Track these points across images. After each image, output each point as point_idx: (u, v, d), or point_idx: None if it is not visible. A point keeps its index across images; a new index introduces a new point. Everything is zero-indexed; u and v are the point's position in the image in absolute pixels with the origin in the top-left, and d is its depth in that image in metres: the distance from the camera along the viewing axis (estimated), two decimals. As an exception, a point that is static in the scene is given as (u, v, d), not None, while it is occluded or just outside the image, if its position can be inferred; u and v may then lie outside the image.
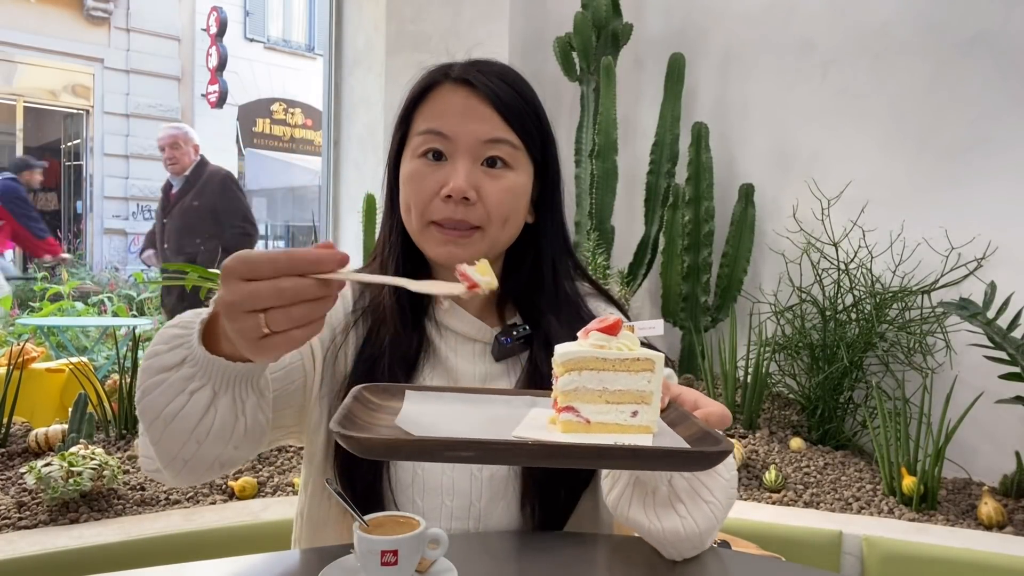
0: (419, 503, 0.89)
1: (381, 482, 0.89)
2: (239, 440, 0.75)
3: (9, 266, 7.75)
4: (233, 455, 0.77)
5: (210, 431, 0.72)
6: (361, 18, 3.28)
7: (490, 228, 0.89)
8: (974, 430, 2.19)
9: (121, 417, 2.16)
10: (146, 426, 0.74)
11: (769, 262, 2.84)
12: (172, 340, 0.72)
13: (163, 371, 0.71)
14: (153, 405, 0.71)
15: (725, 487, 0.80)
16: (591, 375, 0.63)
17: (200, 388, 0.70)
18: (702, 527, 0.78)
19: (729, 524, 1.82)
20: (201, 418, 0.71)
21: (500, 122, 0.89)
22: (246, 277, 0.59)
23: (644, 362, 0.62)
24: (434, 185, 0.88)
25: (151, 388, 0.71)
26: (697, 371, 2.75)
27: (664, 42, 3.14)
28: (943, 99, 2.49)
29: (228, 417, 0.72)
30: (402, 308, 0.93)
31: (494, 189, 0.89)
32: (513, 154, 0.91)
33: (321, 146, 3.67)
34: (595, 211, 2.96)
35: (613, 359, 0.62)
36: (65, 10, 11.12)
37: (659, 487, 0.77)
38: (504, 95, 0.90)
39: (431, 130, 0.90)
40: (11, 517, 1.64)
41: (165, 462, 0.76)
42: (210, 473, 0.78)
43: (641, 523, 0.79)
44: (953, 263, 2.40)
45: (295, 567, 0.88)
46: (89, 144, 11.54)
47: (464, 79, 0.91)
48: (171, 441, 0.73)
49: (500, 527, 0.92)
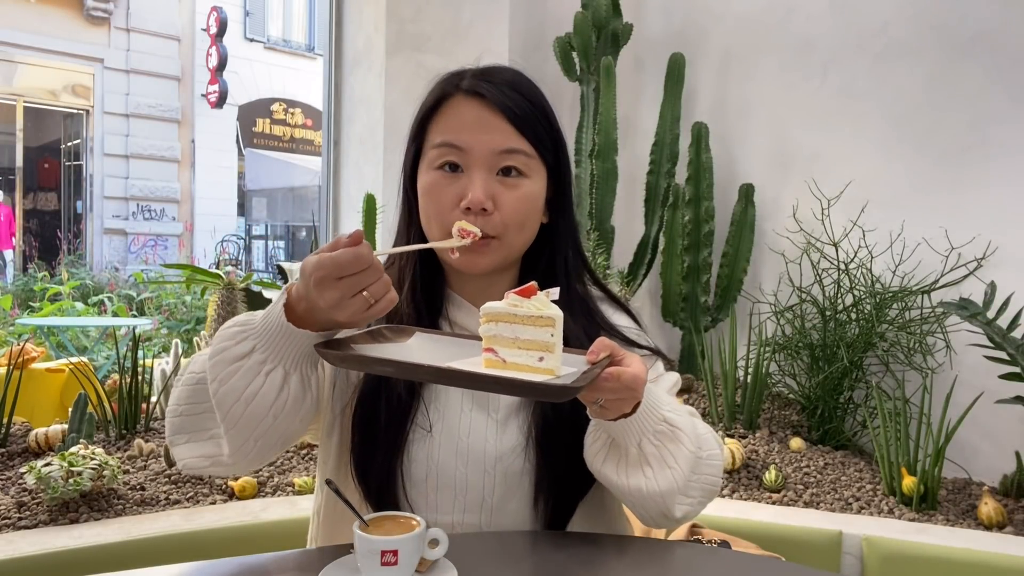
0: (432, 497, 0.91)
1: (395, 477, 0.91)
2: (306, 413, 0.85)
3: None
4: (297, 429, 0.87)
5: (286, 405, 0.81)
6: (361, 18, 3.28)
7: (507, 235, 0.93)
8: (974, 430, 2.19)
9: (121, 417, 2.16)
10: (224, 413, 0.82)
11: (769, 262, 2.84)
12: (236, 336, 0.82)
13: (236, 360, 0.81)
14: (234, 389, 0.80)
15: (689, 458, 0.87)
16: (506, 326, 0.77)
17: (273, 369, 0.80)
18: (663, 488, 0.85)
19: (729, 524, 1.82)
20: (278, 394, 0.81)
21: (513, 132, 0.93)
22: (337, 276, 0.73)
23: (547, 319, 0.76)
24: (452, 197, 0.91)
25: (228, 376, 0.80)
26: (697, 371, 2.76)
27: (664, 42, 3.14)
28: (943, 99, 2.50)
29: (299, 392, 0.82)
30: (419, 311, 0.97)
31: (510, 198, 0.92)
32: (527, 162, 0.94)
33: (321, 146, 3.67)
34: (595, 211, 2.96)
35: (523, 315, 0.77)
36: (65, 10, 11.12)
37: (630, 449, 0.84)
38: (515, 105, 0.93)
39: (446, 143, 0.92)
40: (11, 517, 1.64)
41: (237, 445, 0.84)
42: (274, 451, 0.87)
43: (610, 478, 0.86)
44: (953, 263, 2.40)
45: (295, 567, 0.88)
46: (89, 144, 11.54)
47: (475, 91, 0.93)
48: (250, 420, 0.82)
49: (512, 522, 0.93)
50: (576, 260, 1.02)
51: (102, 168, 11.46)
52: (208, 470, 0.89)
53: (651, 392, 0.85)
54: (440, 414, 0.93)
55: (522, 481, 0.92)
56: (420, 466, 0.91)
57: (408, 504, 0.92)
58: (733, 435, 2.33)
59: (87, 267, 9.54)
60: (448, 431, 0.92)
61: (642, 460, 0.85)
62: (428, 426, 0.92)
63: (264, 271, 13.00)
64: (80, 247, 10.95)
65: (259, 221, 14.35)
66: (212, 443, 0.87)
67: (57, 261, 8.92)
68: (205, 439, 0.88)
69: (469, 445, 0.92)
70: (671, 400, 0.91)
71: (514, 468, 0.92)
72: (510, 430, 0.93)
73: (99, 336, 5.25)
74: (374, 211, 2.63)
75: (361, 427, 0.93)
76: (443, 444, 0.92)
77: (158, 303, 6.57)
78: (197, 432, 0.88)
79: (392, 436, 0.91)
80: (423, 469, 0.91)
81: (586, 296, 1.03)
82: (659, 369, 1.03)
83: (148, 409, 2.23)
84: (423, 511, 0.92)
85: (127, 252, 11.46)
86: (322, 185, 3.57)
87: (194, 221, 12.21)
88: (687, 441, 0.87)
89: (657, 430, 0.85)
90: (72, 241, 10.39)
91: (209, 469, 0.88)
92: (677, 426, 0.86)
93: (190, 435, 0.88)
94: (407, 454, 0.92)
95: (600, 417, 0.83)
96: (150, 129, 11.83)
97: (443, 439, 0.92)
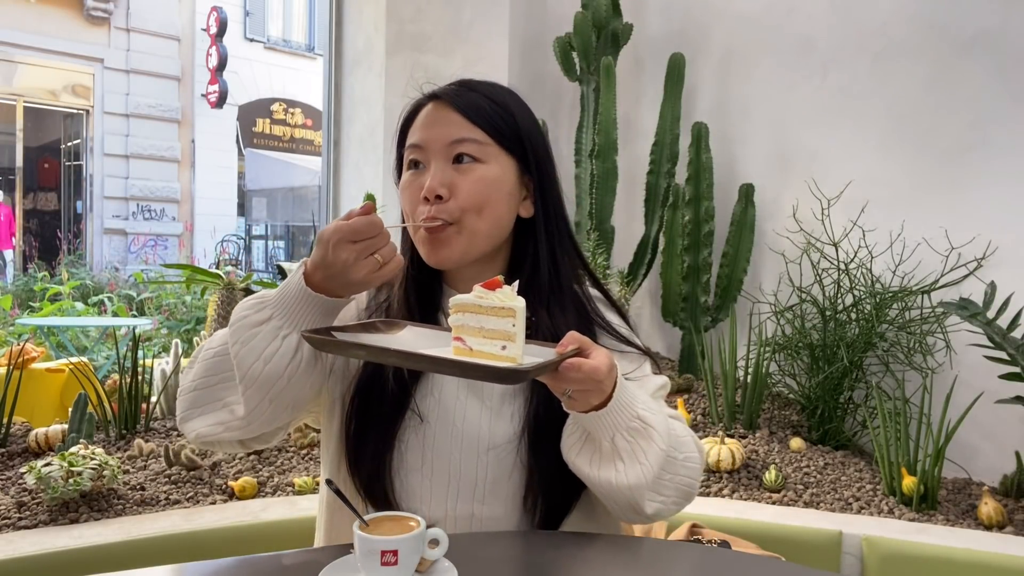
0: (426, 483, 0.94)
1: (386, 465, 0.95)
2: (315, 379, 0.92)
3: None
4: (307, 395, 0.93)
5: (299, 367, 0.88)
6: (361, 18, 3.28)
7: (466, 220, 0.95)
8: (974, 430, 2.19)
9: (121, 417, 2.16)
10: (244, 371, 0.88)
11: (769, 262, 2.84)
12: (255, 306, 0.90)
13: (255, 326, 0.88)
14: (253, 349, 0.87)
15: (660, 455, 0.89)
16: (472, 316, 0.82)
17: (289, 334, 0.87)
18: (631, 482, 0.87)
19: (729, 524, 1.82)
20: (292, 356, 0.87)
21: (464, 122, 0.97)
22: (352, 239, 0.83)
23: (508, 310, 0.80)
24: (417, 191, 0.97)
25: (250, 339, 0.87)
26: (697, 371, 2.76)
27: (664, 42, 3.14)
28: (943, 99, 2.50)
29: (311, 357, 0.89)
30: (409, 305, 1.02)
31: (465, 182, 0.96)
32: (481, 149, 0.97)
33: (321, 146, 3.67)
34: (595, 211, 2.96)
35: (487, 306, 0.81)
36: (65, 10, 11.11)
37: (603, 443, 0.87)
38: (466, 100, 0.98)
39: (411, 144, 1.00)
40: (11, 517, 1.64)
41: (252, 405, 0.90)
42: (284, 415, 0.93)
43: (583, 469, 0.90)
44: (953, 263, 2.40)
45: (295, 567, 0.88)
46: (89, 144, 11.54)
47: (434, 95, 1.00)
48: (267, 379, 0.88)
49: (504, 512, 0.95)
50: (567, 258, 1.04)
51: (102, 168, 11.46)
52: (222, 435, 0.93)
53: (627, 390, 0.88)
54: (436, 403, 0.96)
55: (513, 473, 0.95)
56: (415, 453, 0.95)
57: (399, 493, 0.95)
58: (733, 435, 2.33)
59: (87, 267, 9.54)
60: (443, 418, 0.96)
61: (614, 454, 0.87)
62: (422, 415, 0.96)
63: (264, 271, 13.00)
64: (80, 247, 10.95)
65: (259, 221, 14.35)
66: (225, 410, 0.93)
67: (57, 261, 8.92)
68: (219, 408, 0.93)
69: (464, 431, 0.95)
70: (649, 400, 0.93)
71: (506, 458, 0.95)
72: (503, 418, 0.96)
73: (99, 336, 5.25)
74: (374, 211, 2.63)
75: (357, 417, 0.96)
76: (438, 431, 0.95)
77: (158, 303, 6.57)
78: (211, 403, 0.94)
79: (386, 425, 0.95)
80: (418, 455, 0.95)
81: (583, 295, 1.05)
82: (646, 370, 1.04)
83: (148, 409, 2.23)
84: (415, 499, 0.94)
85: (127, 252, 11.46)
86: (322, 185, 3.57)
87: (194, 221, 12.21)
88: (659, 439, 0.89)
89: (630, 427, 0.87)
90: (72, 241, 10.39)
91: (223, 435, 0.93)
92: (650, 424, 0.89)
93: (203, 407, 0.94)
94: (402, 442, 0.95)
95: (571, 408, 0.86)
96: (150, 129, 11.83)
97: (438, 427, 0.95)
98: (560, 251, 1.02)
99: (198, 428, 0.94)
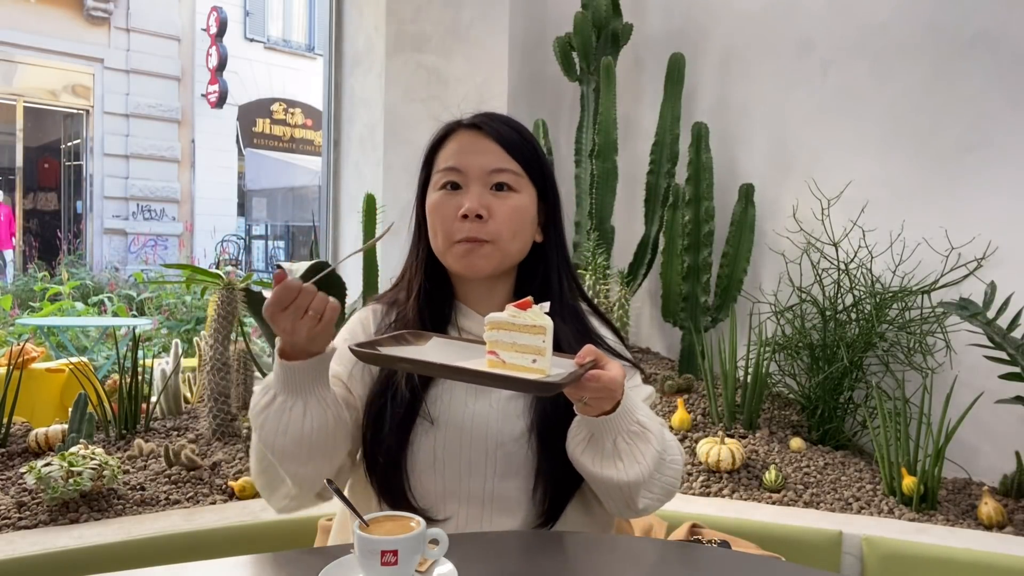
0: (439, 482, 1.02)
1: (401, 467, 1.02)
2: (335, 427, 0.98)
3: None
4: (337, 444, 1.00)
5: (314, 428, 0.95)
6: (361, 18, 3.28)
7: (500, 241, 1.07)
8: (974, 430, 2.19)
9: (121, 417, 2.16)
10: (272, 450, 0.97)
11: (769, 262, 2.84)
12: (261, 392, 0.98)
13: (265, 408, 0.96)
14: (271, 430, 0.95)
15: (655, 456, 0.99)
16: (505, 333, 0.90)
17: (292, 405, 0.95)
18: (631, 479, 0.97)
19: (729, 524, 1.82)
20: (303, 421, 0.94)
21: (503, 154, 1.08)
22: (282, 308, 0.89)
23: (540, 328, 0.89)
24: (453, 209, 1.06)
25: (264, 421, 0.96)
26: (697, 371, 2.75)
27: (664, 42, 3.14)
28: (943, 99, 2.49)
29: (320, 413, 0.95)
30: (423, 320, 1.10)
31: (502, 208, 1.07)
32: (516, 180, 1.09)
33: (321, 146, 3.67)
34: (595, 211, 2.96)
35: (519, 324, 0.90)
36: (65, 10, 11.12)
37: (606, 444, 0.96)
38: (505, 133, 1.09)
39: (448, 167, 1.09)
40: (11, 517, 1.64)
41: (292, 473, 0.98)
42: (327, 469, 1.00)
43: (586, 466, 0.97)
44: (953, 263, 2.40)
45: (295, 567, 0.88)
46: (89, 144, 11.54)
47: (474, 124, 1.10)
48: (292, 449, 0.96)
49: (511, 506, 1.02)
50: (568, 278, 1.16)
51: (102, 168, 11.46)
52: (292, 507, 1.04)
53: (629, 398, 0.97)
54: (445, 407, 1.04)
55: (522, 466, 1.03)
56: (427, 454, 1.02)
57: (415, 492, 1.02)
58: (733, 435, 2.33)
59: (87, 267, 9.54)
60: (452, 420, 1.04)
61: (615, 454, 0.96)
62: (432, 419, 1.03)
63: (264, 271, 13.01)
64: (80, 247, 10.95)
65: (259, 221, 14.36)
66: (284, 486, 1.02)
67: (57, 261, 8.92)
68: (279, 485, 1.03)
69: (472, 430, 1.03)
70: (645, 407, 1.03)
71: (516, 452, 1.03)
72: (510, 417, 1.04)
73: (99, 336, 5.25)
74: (374, 211, 2.63)
75: (373, 422, 1.04)
76: (448, 433, 1.03)
77: (158, 303, 6.57)
78: (272, 482, 1.03)
79: (399, 429, 1.02)
80: (429, 456, 1.02)
81: (577, 309, 1.16)
82: (636, 380, 1.16)
83: (148, 409, 2.23)
84: (430, 496, 1.02)
85: (127, 252, 11.46)
86: (322, 185, 3.57)
87: (194, 221, 12.21)
88: (654, 442, 0.99)
89: (631, 430, 0.97)
90: (72, 241, 10.39)
91: (292, 506, 1.04)
92: (648, 428, 0.99)
93: (268, 487, 1.04)
94: (414, 444, 1.02)
95: (584, 413, 0.95)
96: (150, 129, 11.83)
97: (448, 428, 1.03)
98: (563, 272, 1.15)
99: (275, 505, 1.05)
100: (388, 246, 2.72)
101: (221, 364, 2.17)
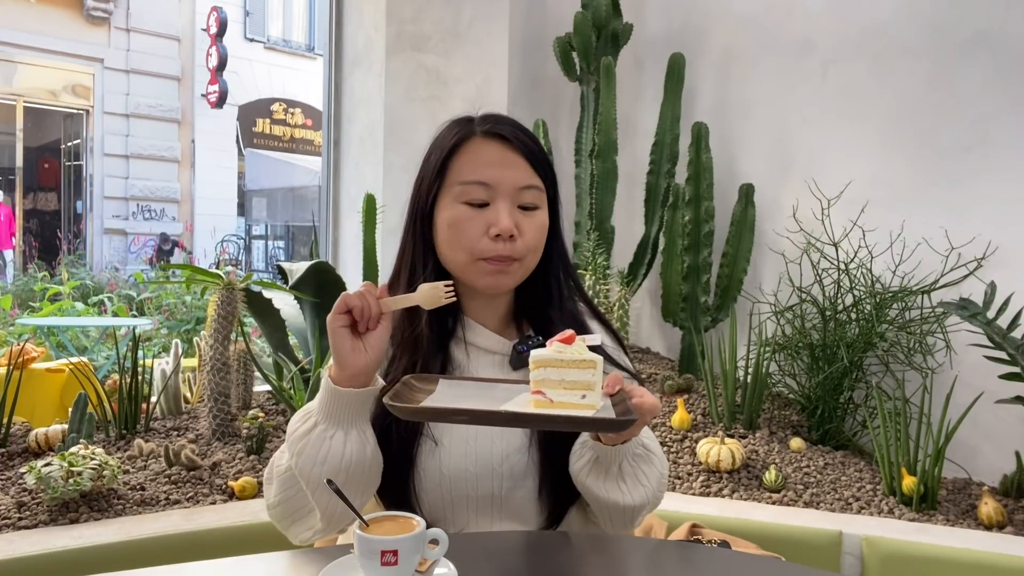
0: (447, 499, 1.02)
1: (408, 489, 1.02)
2: (371, 462, 0.96)
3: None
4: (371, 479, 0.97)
5: (352, 460, 0.93)
6: (361, 18, 3.28)
7: (527, 258, 1.06)
8: (974, 430, 2.19)
9: (121, 417, 2.16)
10: (306, 479, 0.94)
11: (769, 262, 2.84)
12: (302, 418, 0.96)
13: (305, 435, 0.94)
14: (309, 457, 0.93)
15: (659, 478, 1.01)
16: (553, 371, 0.87)
17: (334, 434, 0.93)
18: (636, 502, 0.97)
19: (729, 524, 1.82)
20: (343, 452, 0.93)
21: (530, 170, 1.05)
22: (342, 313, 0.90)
23: (588, 363, 0.87)
24: (481, 226, 1.02)
25: (304, 448, 0.94)
26: (697, 371, 2.75)
27: (664, 42, 3.14)
28: (943, 99, 2.49)
29: (359, 446, 0.94)
30: (432, 334, 1.08)
31: (530, 226, 1.05)
32: (539, 196, 1.07)
33: (321, 146, 3.67)
34: (595, 211, 2.96)
35: (567, 360, 0.87)
36: (65, 10, 11.12)
37: (611, 468, 0.96)
38: (530, 146, 1.06)
39: (474, 181, 1.03)
40: (11, 517, 1.64)
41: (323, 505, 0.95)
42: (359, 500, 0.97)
43: (592, 490, 0.97)
44: (953, 263, 2.40)
45: (295, 567, 0.88)
46: (89, 144, 11.54)
47: (496, 133, 1.05)
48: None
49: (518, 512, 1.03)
50: (568, 280, 1.15)
51: (102, 168, 11.46)
52: (315, 539, 1.01)
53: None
54: (448, 427, 1.03)
55: (527, 474, 1.03)
56: (432, 474, 1.01)
57: (421, 510, 1.02)
58: (733, 435, 2.33)
59: (87, 267, 9.54)
60: (456, 440, 1.03)
61: (619, 477, 0.96)
62: (436, 440, 1.02)
63: (264, 271, 13.01)
64: (80, 247, 10.95)
65: (259, 221, 14.35)
66: (310, 516, 0.99)
67: (57, 261, 8.92)
68: (304, 515, 1.00)
69: (477, 448, 1.02)
70: (646, 428, 1.02)
71: (520, 464, 1.02)
72: (512, 431, 1.04)
73: (99, 336, 5.25)
74: (374, 211, 2.63)
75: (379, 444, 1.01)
76: (452, 452, 1.02)
77: (158, 303, 6.57)
78: (295, 512, 1.00)
79: (403, 451, 1.02)
80: (435, 477, 1.01)
81: (575, 311, 1.15)
82: None
83: (148, 409, 2.23)
84: (438, 511, 1.02)
85: (127, 252, 11.46)
86: (322, 185, 3.57)
87: (194, 221, 12.21)
88: (658, 463, 1.01)
89: (635, 453, 0.97)
90: (72, 241, 10.40)
91: (315, 538, 1.01)
92: (651, 450, 1.00)
93: (291, 517, 1.01)
94: (419, 467, 1.02)
95: (608, 443, 0.93)
96: (150, 129, 11.83)
97: (452, 448, 1.02)
98: (564, 277, 1.14)
99: (296, 537, 1.02)
100: (388, 246, 2.72)
101: (221, 364, 2.17)
